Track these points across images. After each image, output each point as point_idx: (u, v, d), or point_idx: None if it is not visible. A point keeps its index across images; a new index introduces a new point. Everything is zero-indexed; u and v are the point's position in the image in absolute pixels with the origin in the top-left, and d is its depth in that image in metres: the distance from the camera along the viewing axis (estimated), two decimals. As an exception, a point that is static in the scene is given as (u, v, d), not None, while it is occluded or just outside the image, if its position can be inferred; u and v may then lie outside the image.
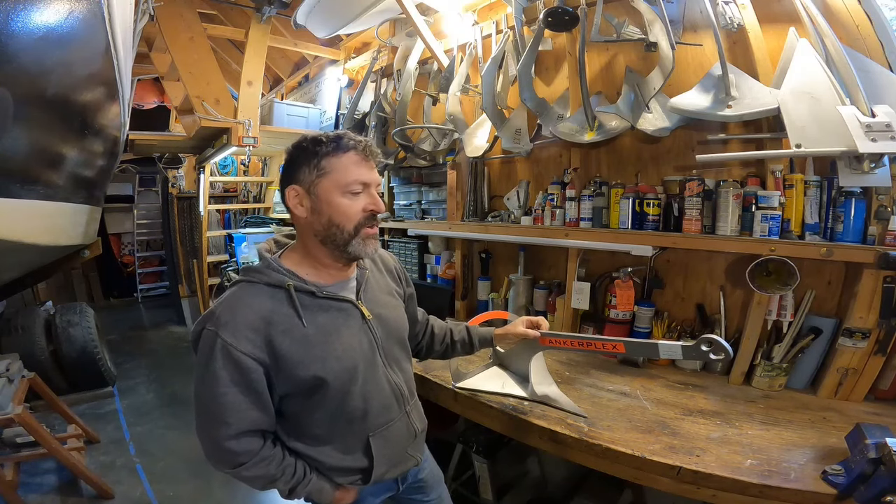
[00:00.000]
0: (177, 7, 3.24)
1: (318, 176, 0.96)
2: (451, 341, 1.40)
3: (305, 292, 0.97)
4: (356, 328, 1.03)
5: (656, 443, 1.25)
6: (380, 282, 1.16)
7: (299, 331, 0.94)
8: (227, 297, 0.96)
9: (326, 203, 0.96)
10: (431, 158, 2.62)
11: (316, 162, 0.96)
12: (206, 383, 0.90)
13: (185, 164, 5.35)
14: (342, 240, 0.97)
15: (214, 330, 0.90)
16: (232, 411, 0.90)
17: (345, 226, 0.96)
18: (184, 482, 2.48)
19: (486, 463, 1.88)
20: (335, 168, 0.95)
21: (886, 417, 1.34)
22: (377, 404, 1.05)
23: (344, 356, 0.98)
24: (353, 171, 0.96)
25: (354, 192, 0.96)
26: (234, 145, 3.41)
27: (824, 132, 1.33)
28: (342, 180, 0.95)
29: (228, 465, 0.96)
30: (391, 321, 1.12)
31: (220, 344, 0.88)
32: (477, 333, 1.42)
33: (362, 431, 1.03)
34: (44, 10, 1.38)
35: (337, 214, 0.96)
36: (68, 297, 6.01)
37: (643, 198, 1.79)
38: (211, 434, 0.94)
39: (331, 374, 0.95)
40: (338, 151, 0.96)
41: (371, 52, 3.26)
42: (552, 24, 1.84)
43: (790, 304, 1.55)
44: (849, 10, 1.47)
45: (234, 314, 0.91)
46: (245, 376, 0.90)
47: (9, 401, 2.15)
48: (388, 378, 1.08)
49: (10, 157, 1.46)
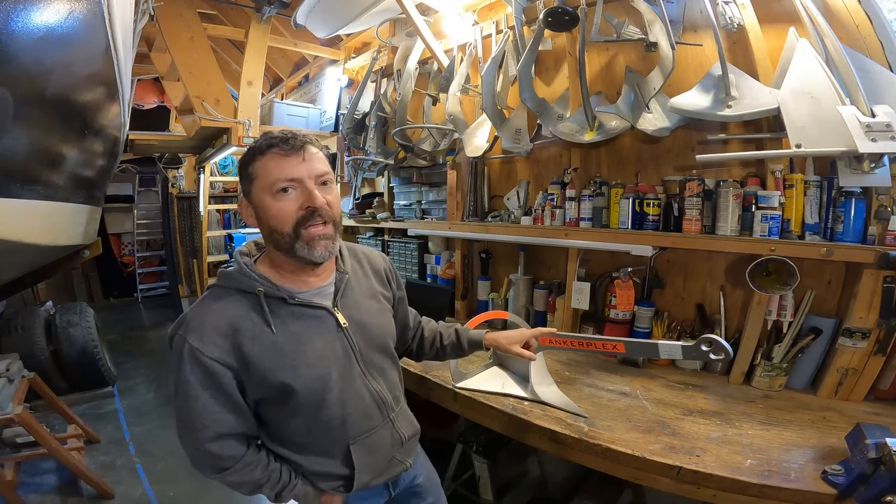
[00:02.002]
0: (177, 7, 3.25)
1: (249, 184, 0.94)
2: (440, 346, 1.35)
3: (276, 298, 0.95)
4: (330, 336, 1.00)
5: (656, 443, 1.25)
6: (363, 285, 1.12)
7: (268, 338, 0.92)
8: (199, 303, 0.96)
9: (261, 209, 0.93)
10: (431, 158, 2.62)
11: (247, 170, 0.94)
12: (179, 389, 0.90)
13: (185, 164, 5.36)
14: (285, 244, 0.93)
15: (184, 335, 0.89)
16: (205, 415, 0.90)
17: (282, 229, 0.92)
18: (184, 482, 2.48)
19: (486, 463, 1.88)
20: (259, 172, 0.92)
21: (886, 417, 1.34)
22: (356, 412, 1.02)
23: (315, 364, 0.96)
24: (274, 170, 0.90)
25: (281, 190, 0.91)
26: (234, 145, 3.42)
27: (824, 132, 1.33)
28: (266, 182, 0.91)
29: (213, 470, 0.95)
30: (373, 327, 1.08)
31: (188, 349, 0.88)
32: (467, 337, 1.35)
33: (342, 439, 1.01)
34: (44, 10, 1.38)
35: (271, 218, 0.92)
36: (68, 297, 6.01)
37: (643, 198, 1.79)
38: (189, 439, 0.93)
39: (300, 382, 0.93)
40: (258, 154, 0.92)
41: (371, 52, 3.26)
42: (552, 24, 1.84)
43: (790, 304, 1.55)
44: (849, 10, 1.47)
45: (203, 320, 0.91)
46: (214, 380, 0.89)
47: (9, 401, 2.15)
48: (368, 386, 1.04)
49: (10, 157, 1.46)
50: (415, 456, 1.20)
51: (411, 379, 1.75)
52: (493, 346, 1.33)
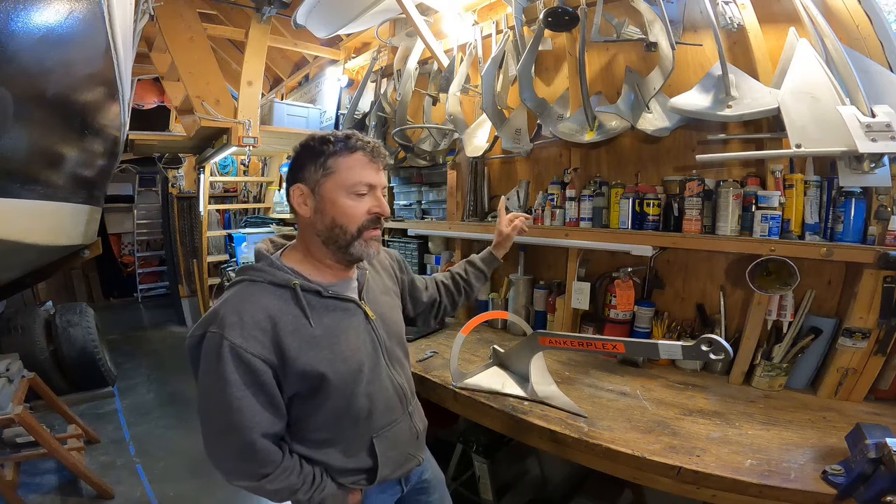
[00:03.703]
0: (177, 7, 3.25)
1: (323, 175, 0.95)
2: (464, 280, 1.47)
3: (311, 292, 0.96)
4: (360, 328, 1.02)
5: (656, 443, 1.25)
6: (378, 282, 1.16)
7: (307, 331, 0.92)
8: (230, 298, 0.92)
9: (330, 203, 0.95)
10: (431, 158, 2.62)
11: (322, 161, 0.95)
12: (216, 390, 0.85)
13: (185, 164, 5.35)
14: (344, 241, 0.96)
15: (220, 332, 0.85)
16: (249, 416, 0.86)
17: (348, 227, 0.96)
18: (184, 482, 2.49)
19: (486, 463, 1.88)
20: (341, 168, 0.95)
21: (886, 417, 1.34)
22: (381, 404, 1.04)
23: (350, 357, 0.98)
24: (358, 172, 0.95)
25: (359, 194, 0.96)
26: (234, 145, 3.42)
27: (824, 132, 1.33)
28: (347, 181, 0.94)
29: (253, 478, 0.90)
30: (391, 321, 1.12)
31: (228, 346, 0.84)
32: (480, 259, 1.52)
33: (366, 432, 1.03)
34: (44, 10, 1.38)
35: (340, 215, 0.95)
36: (68, 297, 6.02)
37: (643, 198, 1.79)
38: (229, 443, 0.88)
39: (337, 375, 0.94)
40: (345, 151, 0.95)
41: (371, 52, 3.26)
42: (552, 24, 1.84)
43: (790, 304, 1.55)
44: (849, 10, 1.47)
45: (241, 314, 0.87)
46: (257, 379, 0.86)
47: (9, 401, 2.15)
48: (392, 378, 1.08)
49: (9, 157, 1.46)
50: (425, 451, 1.23)
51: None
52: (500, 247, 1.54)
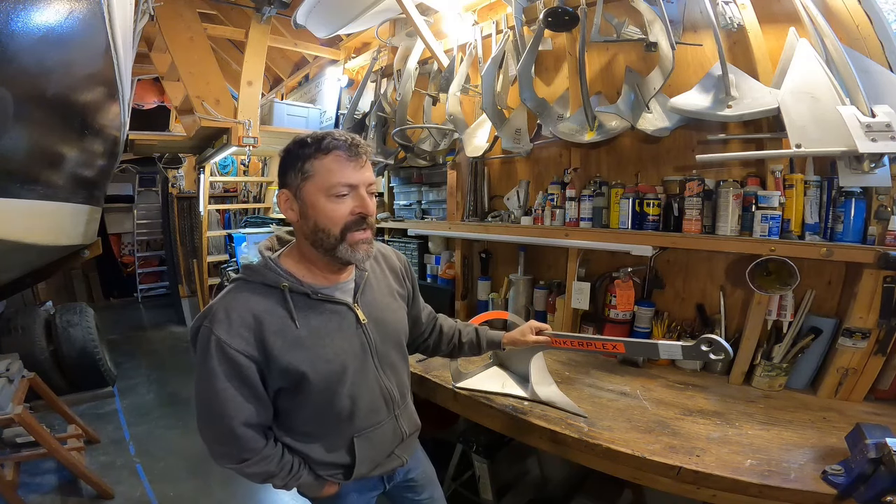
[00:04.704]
0: (177, 7, 3.24)
1: (302, 179, 0.94)
2: (458, 342, 1.39)
3: (300, 294, 0.98)
4: (350, 331, 1.03)
5: (656, 443, 1.25)
6: (381, 283, 1.15)
7: (291, 332, 0.95)
8: (224, 295, 0.97)
9: (312, 207, 0.94)
10: (431, 158, 2.62)
11: (300, 165, 0.94)
12: (204, 379, 0.92)
13: (185, 164, 5.35)
14: (329, 244, 0.95)
15: (210, 327, 0.91)
16: (231, 404, 0.92)
17: (330, 230, 0.94)
18: (184, 482, 2.48)
19: (486, 463, 1.87)
20: (318, 171, 0.93)
21: (886, 417, 1.35)
22: (365, 406, 1.05)
23: (334, 359, 0.99)
24: (335, 173, 0.92)
25: (339, 195, 0.93)
26: (234, 145, 3.41)
27: (824, 132, 1.33)
28: (325, 183, 0.92)
29: (233, 461, 0.97)
30: (389, 324, 1.12)
31: (215, 340, 0.90)
32: (486, 336, 1.40)
33: (348, 431, 1.05)
34: (44, 10, 1.38)
35: (322, 218, 0.94)
36: (68, 297, 6.01)
37: (643, 198, 1.79)
38: (212, 429, 0.96)
39: (317, 375, 0.97)
40: (319, 153, 0.93)
41: (371, 52, 3.26)
42: (552, 24, 1.84)
43: (790, 304, 1.55)
44: (849, 10, 1.47)
45: (229, 312, 0.92)
46: (239, 372, 0.92)
47: (9, 401, 2.15)
48: (380, 382, 1.08)
49: (9, 157, 1.46)
50: (412, 452, 1.23)
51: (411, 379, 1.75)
52: (511, 345, 1.40)
